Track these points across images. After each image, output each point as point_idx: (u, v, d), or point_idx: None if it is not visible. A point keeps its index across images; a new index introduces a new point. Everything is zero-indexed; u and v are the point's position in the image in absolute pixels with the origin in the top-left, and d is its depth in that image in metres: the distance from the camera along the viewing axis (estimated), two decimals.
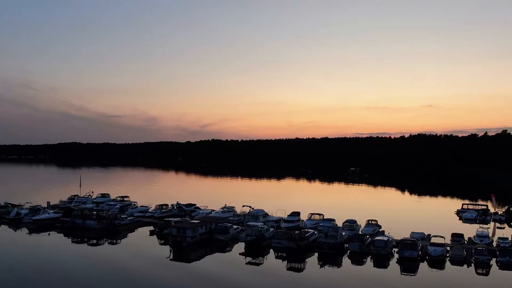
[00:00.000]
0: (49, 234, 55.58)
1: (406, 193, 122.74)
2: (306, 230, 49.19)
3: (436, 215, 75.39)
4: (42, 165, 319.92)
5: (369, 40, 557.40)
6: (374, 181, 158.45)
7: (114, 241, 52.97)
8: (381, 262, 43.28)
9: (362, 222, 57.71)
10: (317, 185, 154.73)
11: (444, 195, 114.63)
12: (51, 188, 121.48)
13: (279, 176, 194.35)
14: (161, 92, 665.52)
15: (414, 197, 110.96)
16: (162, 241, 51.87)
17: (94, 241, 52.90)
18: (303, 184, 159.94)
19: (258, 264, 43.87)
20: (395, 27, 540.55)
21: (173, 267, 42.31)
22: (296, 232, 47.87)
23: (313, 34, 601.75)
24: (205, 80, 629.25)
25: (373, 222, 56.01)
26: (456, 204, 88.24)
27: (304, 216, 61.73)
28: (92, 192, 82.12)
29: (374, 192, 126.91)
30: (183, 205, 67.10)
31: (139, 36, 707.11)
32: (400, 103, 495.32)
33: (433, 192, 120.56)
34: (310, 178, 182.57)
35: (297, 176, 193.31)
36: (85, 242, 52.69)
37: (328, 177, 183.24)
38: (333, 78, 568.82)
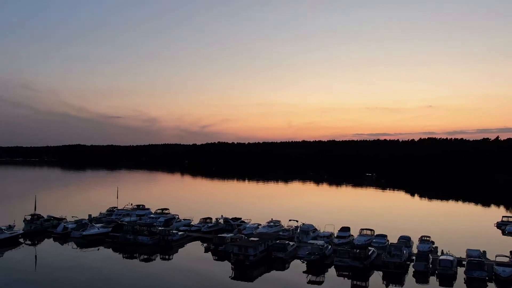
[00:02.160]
0: (98, 249, 55.10)
1: (434, 202, 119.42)
2: (369, 248, 48.89)
3: (476, 228, 74.17)
4: (51, 168, 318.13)
5: (369, 41, 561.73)
6: (393, 188, 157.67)
7: (167, 257, 52.42)
8: (447, 282, 43.06)
9: (410, 236, 56.67)
10: (337, 191, 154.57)
11: (475, 203, 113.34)
12: (81, 197, 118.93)
13: (293, 180, 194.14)
14: (161, 93, 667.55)
15: (445, 207, 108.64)
16: (216, 257, 51.59)
17: (146, 256, 52.33)
18: (321, 190, 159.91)
19: (320, 283, 43.85)
20: (395, 29, 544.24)
21: (238, 287, 42.21)
22: (357, 250, 47.59)
23: (313, 36, 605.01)
24: (205, 81, 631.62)
25: (427, 238, 55.03)
26: (490, 213, 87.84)
27: (353, 231, 61.32)
28: (131, 204, 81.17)
29: (400, 200, 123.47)
30: (230, 219, 66.74)
31: (139, 38, 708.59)
32: (400, 104, 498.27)
33: (461, 200, 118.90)
34: (327, 183, 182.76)
35: (311, 180, 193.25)
36: (137, 258, 52.28)
37: (344, 183, 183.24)
38: (333, 79, 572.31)
